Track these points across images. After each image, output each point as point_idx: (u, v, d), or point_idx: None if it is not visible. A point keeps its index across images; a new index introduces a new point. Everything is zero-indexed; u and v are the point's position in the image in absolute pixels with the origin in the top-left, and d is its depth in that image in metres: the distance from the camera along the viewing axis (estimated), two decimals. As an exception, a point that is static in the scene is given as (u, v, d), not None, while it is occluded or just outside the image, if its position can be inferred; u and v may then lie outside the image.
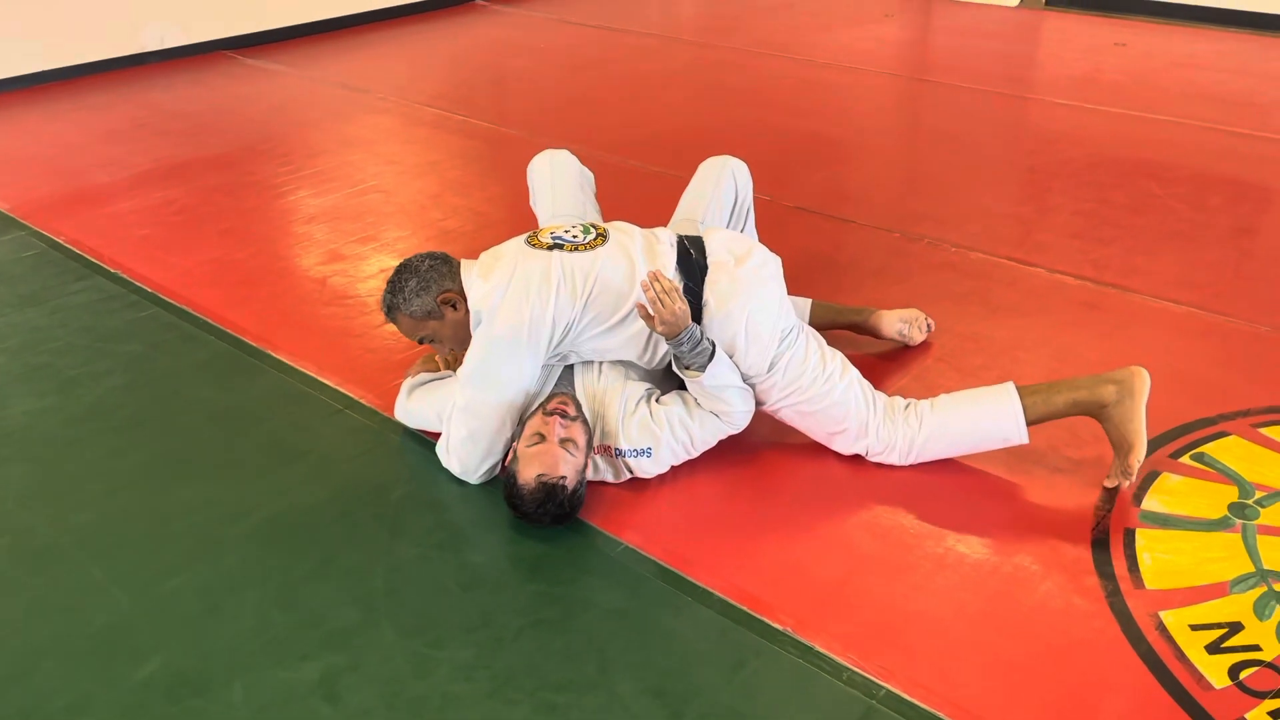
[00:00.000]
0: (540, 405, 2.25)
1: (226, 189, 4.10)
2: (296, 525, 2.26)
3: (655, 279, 2.14)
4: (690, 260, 2.32)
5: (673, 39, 6.35)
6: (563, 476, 2.12)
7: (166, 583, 2.10)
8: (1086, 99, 4.94)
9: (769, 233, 2.93)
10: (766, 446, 2.45)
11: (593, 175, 2.91)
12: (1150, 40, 5.97)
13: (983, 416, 2.32)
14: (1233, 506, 2.23)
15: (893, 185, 4.14)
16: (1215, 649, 1.88)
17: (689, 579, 2.08)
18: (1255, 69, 5.38)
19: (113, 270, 3.42)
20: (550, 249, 2.29)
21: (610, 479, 2.32)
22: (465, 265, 2.35)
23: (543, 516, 2.15)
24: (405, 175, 4.24)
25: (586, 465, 2.22)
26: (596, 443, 2.29)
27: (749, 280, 2.30)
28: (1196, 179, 3.97)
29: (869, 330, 2.82)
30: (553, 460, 2.12)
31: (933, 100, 5.23)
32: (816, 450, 2.42)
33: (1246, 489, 2.27)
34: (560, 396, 2.26)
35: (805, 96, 5.16)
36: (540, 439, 2.15)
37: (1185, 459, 2.37)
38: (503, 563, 2.18)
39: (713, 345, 2.21)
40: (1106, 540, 2.15)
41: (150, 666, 1.90)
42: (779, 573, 2.09)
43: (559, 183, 2.80)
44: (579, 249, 2.29)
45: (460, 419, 2.30)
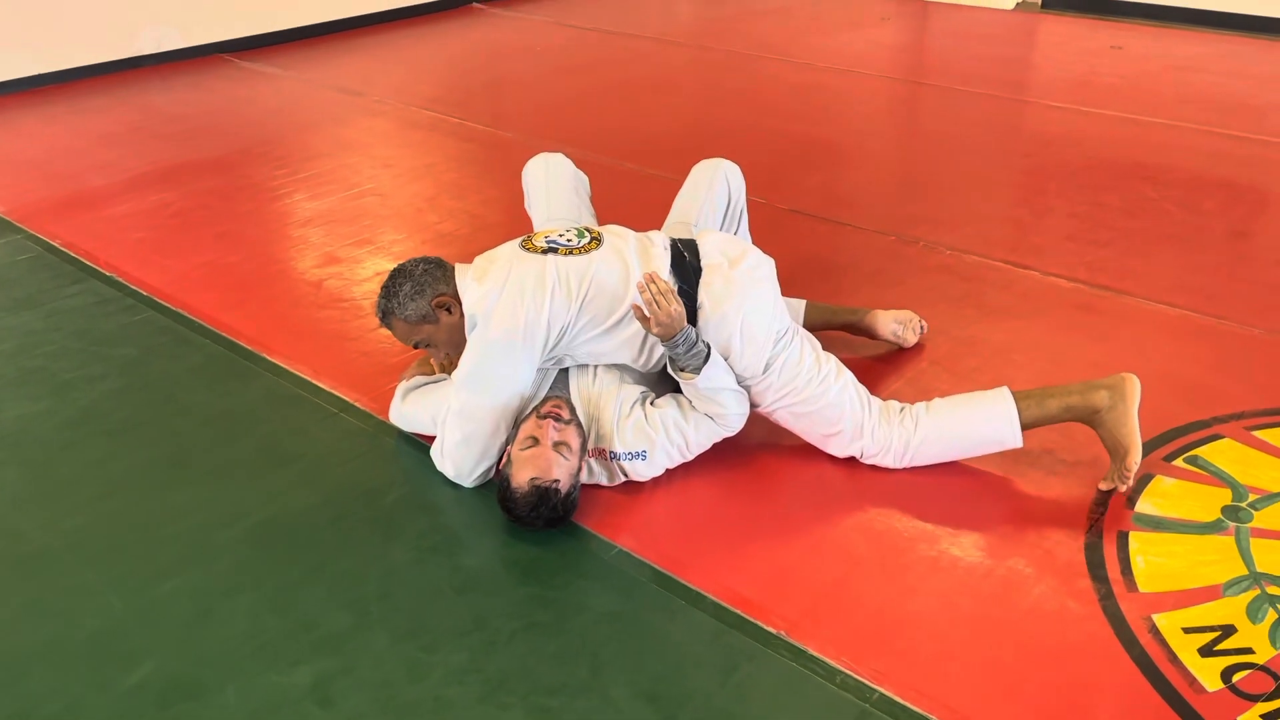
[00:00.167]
0: (534, 408, 2.25)
1: (222, 192, 4.10)
2: (290, 529, 2.26)
3: (651, 280, 2.14)
4: (684, 263, 2.32)
5: (669, 42, 6.35)
6: (556, 480, 2.12)
7: (159, 587, 2.10)
8: (1082, 102, 4.94)
9: (765, 235, 2.92)
10: (761, 450, 2.46)
11: (588, 178, 2.91)
12: (1146, 43, 5.98)
13: (978, 419, 2.33)
14: (1226, 509, 2.23)
15: (888, 188, 4.14)
16: (1208, 652, 1.88)
17: (683, 582, 2.08)
18: (1251, 72, 5.39)
19: (108, 274, 3.42)
20: (544, 253, 2.29)
21: (605, 482, 2.32)
22: (459, 269, 2.35)
23: (536, 520, 2.15)
24: (401, 178, 4.24)
25: (581, 468, 2.22)
26: (591, 446, 2.29)
27: (743, 282, 2.30)
28: (1192, 182, 3.98)
29: (864, 330, 2.82)
30: (546, 464, 2.12)
31: (929, 103, 5.24)
32: (810, 453, 2.42)
33: (1240, 492, 2.27)
34: (554, 400, 2.26)
35: (802, 100, 5.16)
36: (534, 442, 2.15)
37: (1179, 462, 2.37)
38: (496, 566, 2.17)
39: (708, 347, 2.21)
40: (1100, 543, 2.15)
41: (142, 671, 1.90)
42: (773, 576, 2.09)
43: (554, 186, 2.81)
44: (573, 253, 2.30)
45: (455, 422, 2.30)
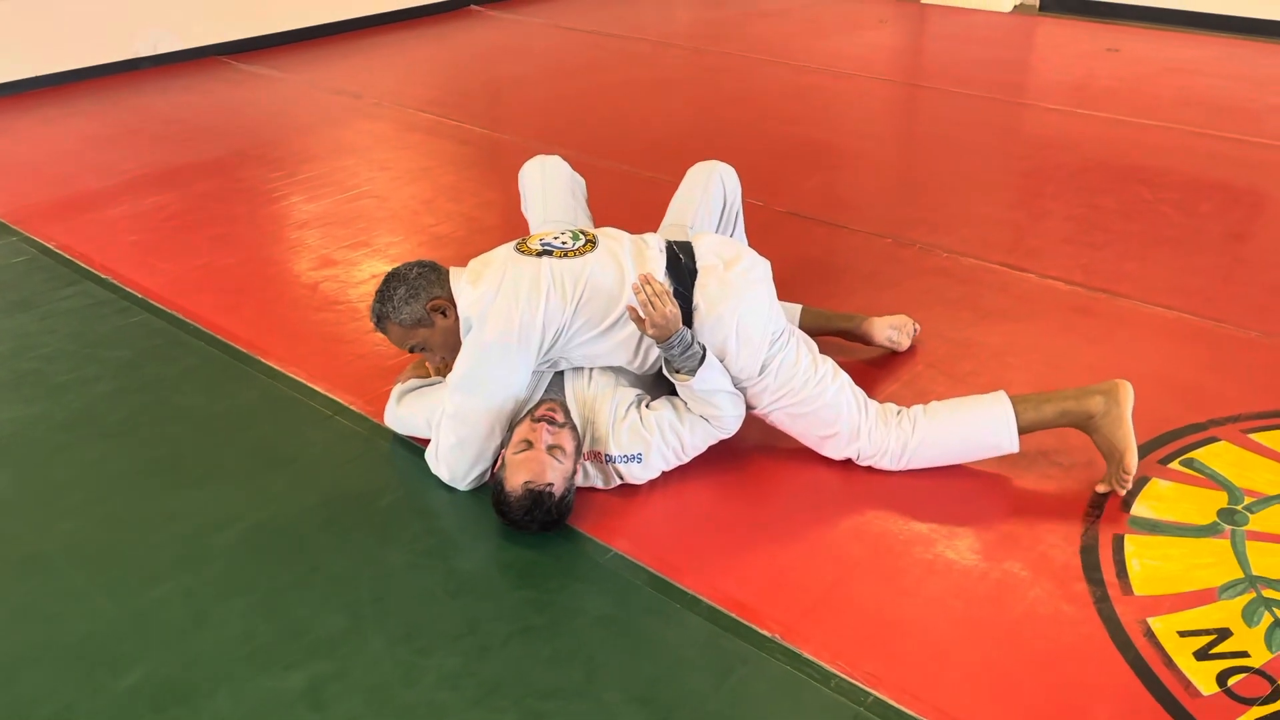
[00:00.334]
0: (529, 412, 2.24)
1: (218, 194, 4.09)
2: (284, 532, 2.25)
3: (646, 282, 2.14)
4: (680, 265, 2.32)
5: (667, 44, 6.35)
6: (550, 483, 2.12)
7: (152, 591, 2.09)
8: (1079, 104, 4.94)
9: (761, 238, 2.92)
10: (756, 453, 2.45)
11: (584, 181, 2.91)
12: (1143, 46, 5.98)
13: (976, 423, 2.32)
14: (1222, 512, 2.22)
15: (885, 191, 4.14)
16: (1203, 655, 1.87)
17: (678, 586, 2.07)
18: (1247, 74, 5.39)
19: (103, 276, 3.42)
20: (539, 255, 2.29)
21: (600, 485, 2.32)
22: (454, 273, 2.35)
23: (530, 523, 2.15)
24: (398, 181, 4.23)
25: (575, 472, 2.21)
26: (587, 449, 2.28)
27: (738, 284, 2.30)
28: (1188, 184, 3.98)
29: (859, 337, 2.82)
30: (540, 467, 2.12)
31: (926, 106, 5.24)
32: (806, 456, 2.41)
33: (1236, 495, 2.27)
34: (548, 403, 2.25)
35: (799, 102, 5.16)
36: (528, 446, 2.14)
37: (1175, 464, 2.37)
38: (491, 570, 2.17)
39: (703, 349, 2.20)
40: (1095, 546, 2.14)
41: (134, 675, 1.89)
42: (768, 579, 2.09)
43: (550, 188, 2.80)
44: (568, 255, 2.29)
45: (449, 425, 2.29)
